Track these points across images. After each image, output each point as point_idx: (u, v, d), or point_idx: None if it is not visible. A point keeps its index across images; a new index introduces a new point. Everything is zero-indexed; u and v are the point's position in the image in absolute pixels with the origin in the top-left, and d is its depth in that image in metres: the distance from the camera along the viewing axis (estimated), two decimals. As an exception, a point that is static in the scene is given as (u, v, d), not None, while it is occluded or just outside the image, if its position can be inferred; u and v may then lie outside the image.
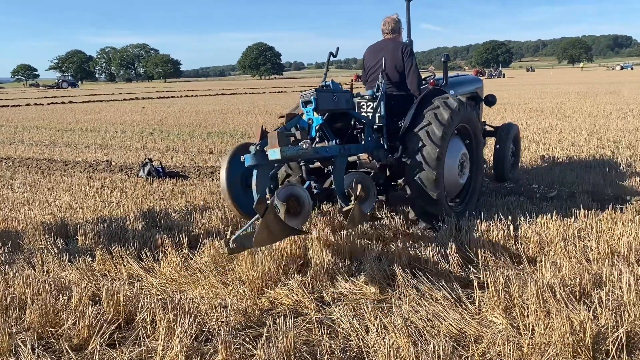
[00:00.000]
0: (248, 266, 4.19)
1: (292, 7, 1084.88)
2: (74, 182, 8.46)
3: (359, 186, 4.53)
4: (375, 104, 5.30)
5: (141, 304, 3.68)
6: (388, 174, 5.40)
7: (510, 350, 2.99)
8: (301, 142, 4.52)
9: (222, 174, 4.25)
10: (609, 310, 3.32)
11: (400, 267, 4.17)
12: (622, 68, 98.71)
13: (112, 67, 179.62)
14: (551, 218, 5.10)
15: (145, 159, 9.09)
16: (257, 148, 4.09)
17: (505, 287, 3.69)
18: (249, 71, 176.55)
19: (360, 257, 4.53)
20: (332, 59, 5.48)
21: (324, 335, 3.29)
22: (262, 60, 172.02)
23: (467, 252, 4.51)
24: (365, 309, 3.55)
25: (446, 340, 3.12)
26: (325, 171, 5.00)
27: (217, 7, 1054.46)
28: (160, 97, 39.21)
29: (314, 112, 4.78)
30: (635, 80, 42.68)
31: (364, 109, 5.47)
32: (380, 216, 5.46)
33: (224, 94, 43.24)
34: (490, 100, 7.14)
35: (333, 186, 4.72)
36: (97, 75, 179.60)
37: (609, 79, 48.61)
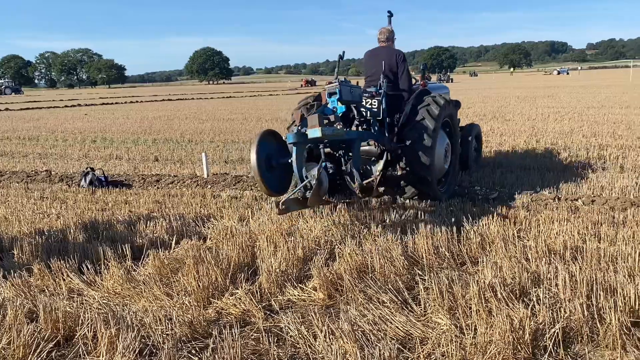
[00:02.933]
0: (194, 276, 4.12)
1: (239, 12, 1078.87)
2: (10, 194, 8.08)
3: (382, 162, 5.60)
4: (377, 100, 6.16)
5: (81, 320, 3.55)
6: (389, 159, 6.16)
7: (454, 350, 3.06)
8: (335, 124, 5.31)
9: (253, 157, 4.73)
10: (546, 307, 3.45)
11: (347, 272, 4.21)
12: (559, 73, 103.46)
13: (53, 73, 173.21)
14: (492, 219, 5.27)
15: (87, 168, 8.79)
16: (299, 128, 5.04)
17: (449, 288, 3.78)
18: (197, 76, 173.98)
19: (308, 263, 4.54)
20: (338, 60, 6.30)
21: (272, 344, 3.27)
22: (210, 65, 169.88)
23: (412, 254, 4.60)
24: (313, 316, 3.55)
25: (392, 343, 3.16)
26: (337, 156, 5.74)
27: (163, 11, 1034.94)
28: (103, 104, 38.02)
29: (338, 102, 5.58)
30: (570, 85, 44.79)
31: (364, 105, 6.21)
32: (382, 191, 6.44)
33: (171, 100, 42.43)
34: (455, 105, 7.86)
35: (344, 167, 5.55)
36: (36, 81, 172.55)
37: (547, 83, 50.79)
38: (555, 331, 3.19)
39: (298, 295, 4.01)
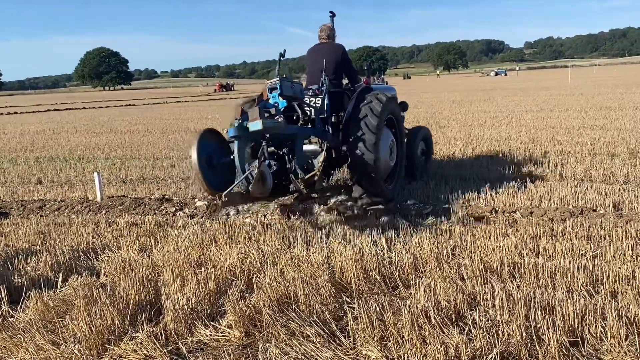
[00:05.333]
0: (85, 320, 3.98)
1: (139, 6, 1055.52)
2: None
3: (324, 153, 6.05)
4: (320, 97, 6.85)
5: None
6: (333, 156, 6.89)
7: (385, 385, 3.14)
8: (276, 117, 5.89)
9: (193, 156, 5.20)
10: (483, 331, 3.63)
11: (267, 305, 4.22)
12: (496, 74, 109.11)
13: None
14: (426, 236, 5.48)
15: (-50, 195, 8.27)
16: (239, 122, 5.59)
17: (380, 316, 3.88)
18: (90, 81, 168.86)
19: (222, 297, 4.51)
20: (281, 58, 6.88)
21: (179, 394, 3.22)
22: (106, 68, 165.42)
23: (340, 280, 4.68)
24: (228, 358, 3.53)
25: (318, 383, 3.20)
26: (281, 154, 6.24)
27: (47, 6, 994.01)
28: (-27, 116, 35.97)
29: (279, 97, 6.16)
30: (508, 87, 47.34)
31: (307, 102, 6.80)
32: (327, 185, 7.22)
33: (58, 110, 40.98)
34: (403, 106, 8.78)
35: (288, 165, 6.04)
36: None
37: (483, 86, 53.40)
38: (493, 357, 3.35)
39: (210, 335, 3.97)
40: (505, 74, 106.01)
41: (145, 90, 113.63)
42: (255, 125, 5.28)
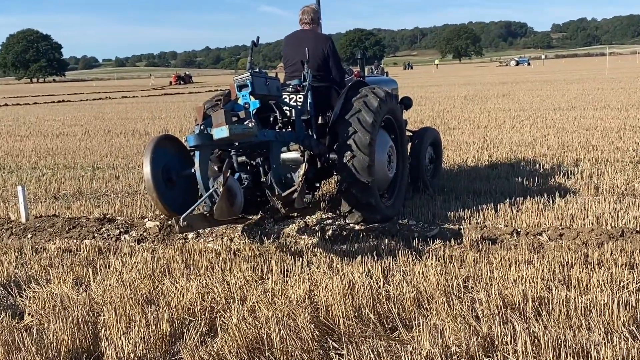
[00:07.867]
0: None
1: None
2: None
3: (305, 164, 6.18)
4: (302, 95, 7.04)
5: None
6: (319, 165, 7.06)
7: None
8: (246, 122, 5.89)
9: (147, 169, 5.30)
10: (502, 384, 3.63)
11: (234, 352, 4.21)
12: (517, 63, 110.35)
13: None
14: (431, 265, 5.49)
15: None
16: (201, 128, 5.69)
17: (374, 366, 3.87)
18: (14, 72, 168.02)
19: (178, 342, 4.49)
20: (253, 47, 7.09)
21: None
22: (33, 56, 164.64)
23: (325, 320, 4.67)
24: (184, 418, 3.51)
25: None
26: (254, 163, 6.52)
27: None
28: None
29: (250, 96, 6.17)
30: (532, 79, 47.81)
31: (285, 101, 7.04)
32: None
33: (-28, 107, 40.63)
34: (407, 103, 9.29)
35: (263, 179, 6.26)
36: None
37: (502, 78, 53.89)
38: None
39: (162, 389, 3.95)
40: (529, 64, 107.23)
41: (83, 83, 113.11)
42: (220, 132, 5.30)
